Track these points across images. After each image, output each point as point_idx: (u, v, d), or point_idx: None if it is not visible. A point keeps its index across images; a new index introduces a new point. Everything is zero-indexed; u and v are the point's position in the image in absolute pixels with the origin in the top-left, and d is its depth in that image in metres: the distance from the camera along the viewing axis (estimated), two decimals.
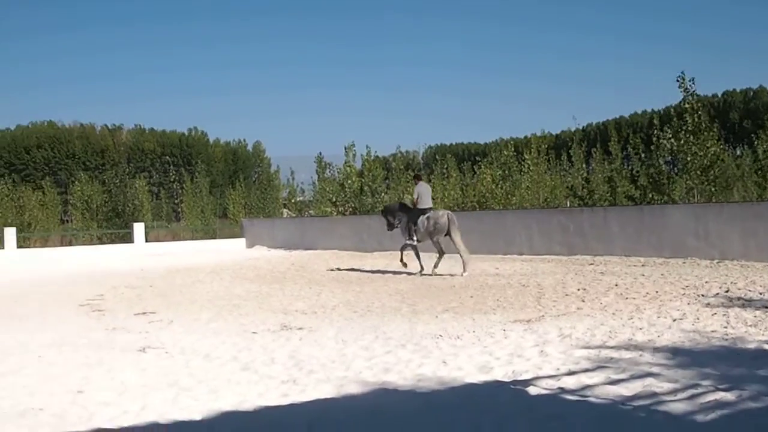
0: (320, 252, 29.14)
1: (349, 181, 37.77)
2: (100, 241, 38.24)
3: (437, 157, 49.31)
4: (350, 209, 37.02)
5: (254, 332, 10.44)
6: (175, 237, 39.83)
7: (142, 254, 32.28)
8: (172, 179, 52.42)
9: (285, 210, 49.99)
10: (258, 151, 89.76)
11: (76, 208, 44.22)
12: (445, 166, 47.42)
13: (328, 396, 6.80)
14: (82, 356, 9.14)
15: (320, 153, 43.09)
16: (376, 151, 39.78)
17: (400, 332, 9.96)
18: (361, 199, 37.11)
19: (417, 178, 20.09)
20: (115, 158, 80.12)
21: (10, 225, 35.41)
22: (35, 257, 31.33)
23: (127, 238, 36.14)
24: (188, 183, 47.04)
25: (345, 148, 38.33)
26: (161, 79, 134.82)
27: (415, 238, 18.23)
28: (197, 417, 6.24)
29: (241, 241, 36.63)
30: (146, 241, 35.66)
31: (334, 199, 38.30)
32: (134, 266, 24.84)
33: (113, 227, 40.43)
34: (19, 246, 33.50)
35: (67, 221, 48.61)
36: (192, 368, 8.21)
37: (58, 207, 47.08)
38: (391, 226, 19.38)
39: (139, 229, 35.82)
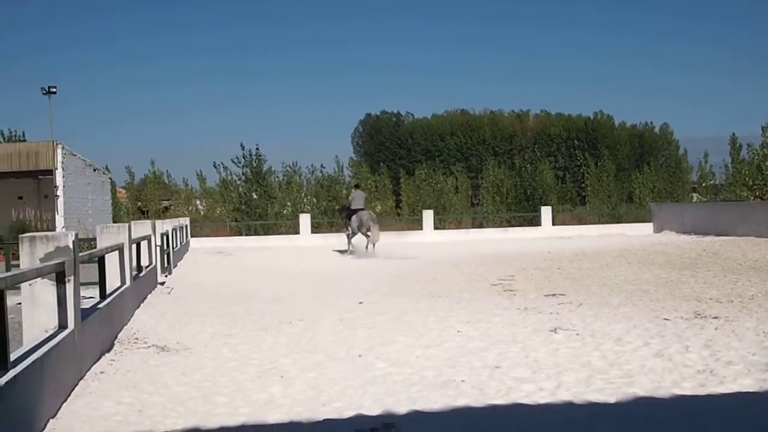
0: (734, 239, 27.43)
1: (767, 163, 35.15)
2: (509, 223, 39.63)
3: None
4: None
5: (666, 319, 10.17)
6: (581, 221, 39.93)
7: (549, 237, 32.97)
8: (579, 163, 52.58)
9: (695, 194, 47.86)
10: (665, 134, 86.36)
11: (488, 192, 46.18)
12: None
13: (750, 390, 6.41)
14: (496, 333, 9.60)
15: (734, 134, 40.66)
16: None
17: None
18: None
19: (356, 186, 28.88)
20: (523, 143, 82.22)
21: (428, 208, 38.09)
22: (449, 238, 33.45)
23: (535, 222, 37.11)
24: (593, 167, 46.84)
25: (762, 128, 35.76)
26: (567, 62, 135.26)
27: (349, 230, 25.89)
28: (611, 400, 6.25)
29: (647, 226, 35.79)
30: (553, 224, 36.33)
31: (750, 183, 35.90)
32: (541, 248, 25.42)
33: (522, 211, 41.68)
34: (436, 227, 35.98)
35: (477, 204, 50.87)
36: (603, 351, 8.23)
37: (469, 191, 49.45)
38: (342, 220, 27.57)
39: (546, 212, 36.61)
